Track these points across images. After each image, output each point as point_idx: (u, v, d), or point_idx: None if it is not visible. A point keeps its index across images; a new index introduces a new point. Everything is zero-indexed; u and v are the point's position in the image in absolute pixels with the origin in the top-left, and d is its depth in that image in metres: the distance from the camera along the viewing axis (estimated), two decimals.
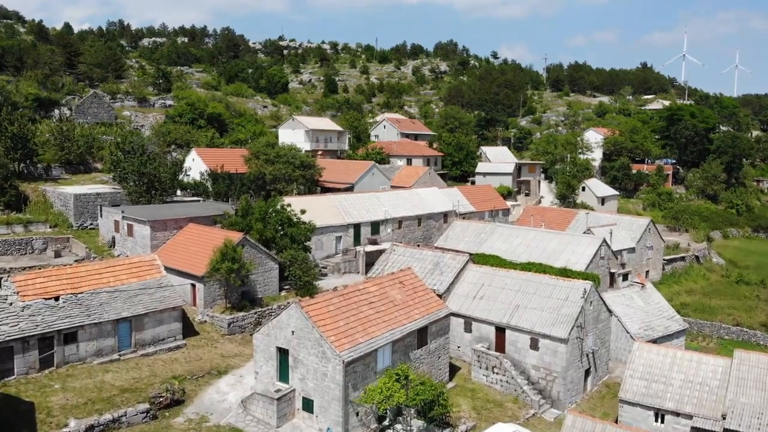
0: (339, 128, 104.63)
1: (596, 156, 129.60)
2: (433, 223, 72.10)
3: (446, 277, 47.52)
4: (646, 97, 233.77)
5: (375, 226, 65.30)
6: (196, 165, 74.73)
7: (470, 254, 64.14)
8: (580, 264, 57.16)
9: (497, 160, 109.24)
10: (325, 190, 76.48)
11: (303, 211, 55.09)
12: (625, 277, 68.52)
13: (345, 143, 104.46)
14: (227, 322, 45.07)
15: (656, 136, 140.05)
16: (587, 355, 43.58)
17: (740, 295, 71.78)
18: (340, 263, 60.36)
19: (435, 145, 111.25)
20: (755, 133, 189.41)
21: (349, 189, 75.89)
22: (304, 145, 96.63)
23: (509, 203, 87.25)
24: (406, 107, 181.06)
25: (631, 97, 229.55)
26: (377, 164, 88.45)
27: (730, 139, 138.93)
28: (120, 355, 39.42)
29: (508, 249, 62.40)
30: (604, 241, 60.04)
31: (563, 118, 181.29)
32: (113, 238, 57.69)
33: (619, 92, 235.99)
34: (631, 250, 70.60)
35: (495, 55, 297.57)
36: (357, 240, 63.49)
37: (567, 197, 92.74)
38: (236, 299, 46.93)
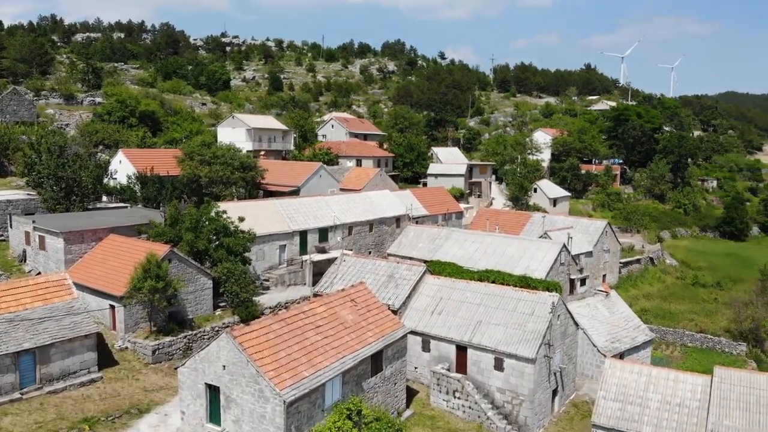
0: (284, 127, 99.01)
1: (545, 157, 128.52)
2: (386, 229, 67.72)
3: (402, 290, 43.12)
4: (590, 97, 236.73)
5: (323, 233, 60.40)
6: (123, 167, 67.99)
7: (425, 261, 60.32)
8: (540, 271, 53.85)
9: (448, 161, 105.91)
10: (269, 194, 71.00)
11: (241, 219, 49.66)
12: (583, 282, 65.99)
13: (290, 143, 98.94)
14: (151, 348, 39.31)
15: (603, 137, 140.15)
16: (555, 374, 39.98)
17: (698, 299, 70.36)
18: (285, 275, 55.17)
19: (385, 146, 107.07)
20: (696, 133, 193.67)
21: (295, 192, 70.67)
22: (246, 144, 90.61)
23: (462, 206, 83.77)
24: (354, 106, 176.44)
25: (576, 97, 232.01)
26: (325, 165, 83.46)
27: (676, 139, 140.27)
28: (22, 394, 33.28)
29: (465, 255, 58.61)
30: (564, 246, 56.97)
31: (511, 119, 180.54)
32: (24, 251, 50.86)
33: (564, 93, 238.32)
34: (589, 254, 68.05)
35: (442, 56, 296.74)
36: (303, 248, 58.43)
37: (520, 199, 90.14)
38: (162, 322, 41.23)
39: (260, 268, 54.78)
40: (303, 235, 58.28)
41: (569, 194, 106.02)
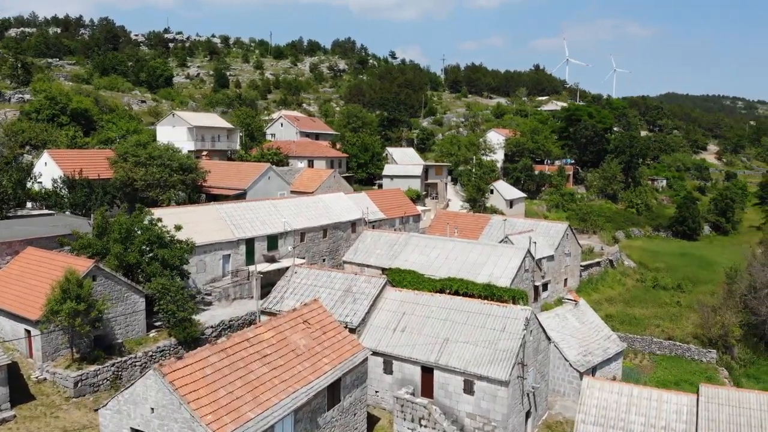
0: (229, 125, 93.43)
1: (498, 157, 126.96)
2: (341, 234, 63.48)
3: (360, 305, 39.01)
4: (540, 98, 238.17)
5: (272, 241, 55.68)
6: (48, 170, 61.50)
7: (384, 269, 56.51)
8: (505, 278, 50.70)
9: (404, 162, 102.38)
10: (212, 198, 65.74)
11: (178, 228, 44.57)
12: (545, 287, 63.49)
13: (236, 142, 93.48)
14: (73, 380, 33.99)
15: (555, 137, 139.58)
16: (528, 395, 36.66)
17: (660, 302, 68.86)
18: (229, 288, 50.25)
19: (338, 146, 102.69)
20: (643, 133, 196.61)
21: (241, 196, 65.61)
22: (187, 144, 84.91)
23: (419, 208, 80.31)
24: (304, 105, 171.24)
25: (526, 98, 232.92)
26: (274, 166, 78.55)
27: (627, 139, 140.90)
28: None
29: (426, 262, 54.99)
30: (528, 252, 54.02)
31: (463, 119, 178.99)
32: None
33: (514, 94, 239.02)
34: (550, 258, 65.54)
35: (393, 55, 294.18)
36: (250, 258, 53.60)
37: (477, 201, 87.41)
38: (87, 348, 35.93)
39: (201, 281, 49.74)
40: (249, 243, 53.46)
41: (525, 195, 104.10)
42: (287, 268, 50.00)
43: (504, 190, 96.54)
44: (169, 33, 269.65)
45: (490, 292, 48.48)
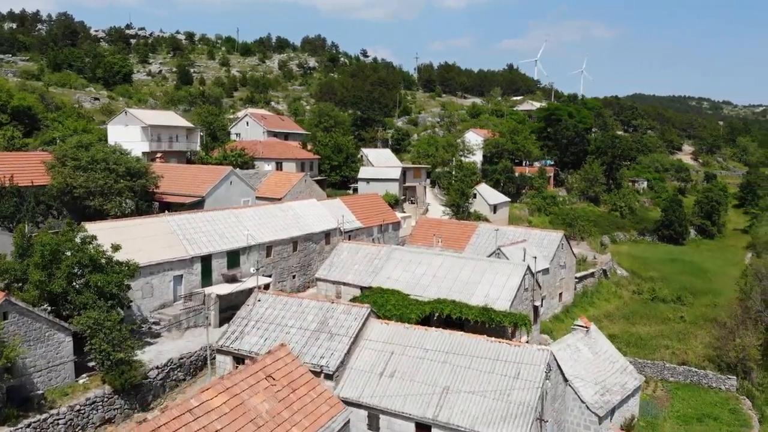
0: (188, 124, 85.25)
1: (477, 158, 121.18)
2: (313, 247, 56.25)
3: (339, 343, 31.89)
4: (515, 98, 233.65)
5: (233, 257, 48.21)
6: None
7: (363, 288, 49.56)
8: (504, 300, 44.12)
9: (380, 163, 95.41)
10: (165, 207, 57.86)
11: (116, 248, 36.85)
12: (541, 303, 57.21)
13: (196, 143, 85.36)
14: None
15: (534, 137, 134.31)
16: None
17: (663, 317, 63.34)
18: (181, 315, 42.70)
19: (309, 147, 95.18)
20: (618, 133, 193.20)
21: (198, 204, 57.87)
22: (141, 145, 76.72)
23: (399, 215, 73.48)
24: (273, 103, 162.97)
25: (500, 98, 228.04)
26: (237, 170, 70.92)
27: (609, 140, 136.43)
28: None
29: (411, 280, 48.12)
30: (528, 268, 47.57)
31: (439, 119, 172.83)
32: None
33: (489, 93, 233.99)
34: (545, 271, 59.35)
35: (365, 54, 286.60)
36: (207, 278, 46.07)
37: (460, 206, 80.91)
38: None
39: (148, 308, 42.08)
40: (206, 261, 45.91)
41: (508, 199, 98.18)
42: (251, 290, 42.77)
43: (487, 194, 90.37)
44: (131, 29, 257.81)
45: (487, 317, 41.88)
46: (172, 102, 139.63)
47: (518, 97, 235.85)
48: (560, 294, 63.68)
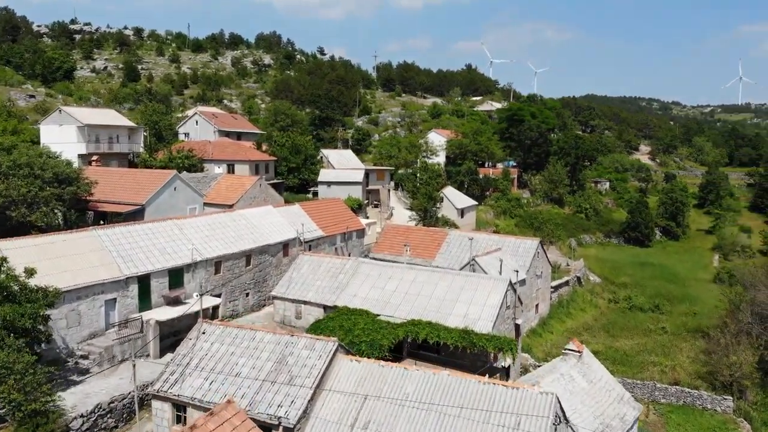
0: (130, 123, 78.02)
1: (440, 160, 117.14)
2: (269, 260, 50.43)
3: (300, 388, 26.38)
4: (475, 98, 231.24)
5: (176, 276, 42.07)
6: None
7: (326, 307, 44.13)
8: (485, 320, 39.34)
9: (342, 165, 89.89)
10: (100, 217, 51.17)
11: (30, 272, 30.47)
12: None
13: (140, 144, 78.18)
14: None
15: (497, 138, 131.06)
16: None
17: (643, 328, 60.00)
18: (115, 346, 36.43)
19: (264, 147, 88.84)
20: (577, 133, 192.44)
21: (138, 213, 51.38)
22: (77, 146, 69.40)
23: (363, 221, 68.18)
24: (225, 101, 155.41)
25: (460, 98, 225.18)
26: (184, 173, 64.58)
27: (572, 140, 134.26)
28: None
29: (381, 298, 42.92)
30: (510, 283, 42.98)
31: (400, 119, 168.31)
32: None
33: (449, 93, 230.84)
34: (522, 282, 55.08)
35: (322, 51, 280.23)
36: (145, 301, 39.82)
37: (428, 211, 76.14)
38: None
39: (75, 339, 35.71)
40: (144, 281, 39.66)
41: (476, 203, 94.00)
42: (196, 314, 36.90)
43: (454, 197, 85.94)
44: (75, 24, 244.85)
45: (468, 341, 36.96)
46: (117, 100, 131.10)
47: (478, 98, 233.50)
48: (537, 305, 59.64)
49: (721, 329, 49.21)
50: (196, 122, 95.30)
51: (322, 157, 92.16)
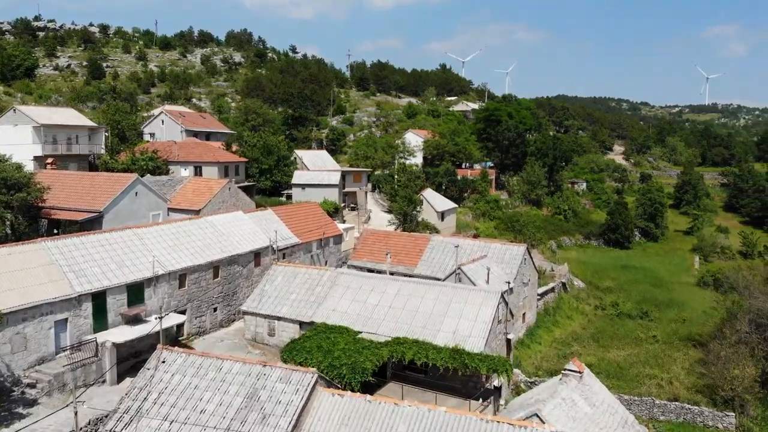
0: (91, 123, 73.21)
1: (417, 161, 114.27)
2: (239, 271, 46.61)
3: (275, 429, 22.82)
4: (450, 98, 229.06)
5: (136, 291, 38.07)
6: None
7: (302, 323, 40.61)
8: (477, 337, 36.28)
9: (317, 167, 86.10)
10: (54, 226, 46.74)
11: None
12: None
13: (101, 145, 73.43)
14: None
15: (474, 138, 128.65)
16: None
17: (633, 337, 57.64)
18: (65, 372, 32.41)
19: (234, 148, 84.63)
20: (550, 133, 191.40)
21: (95, 221, 47.12)
22: (33, 148, 64.56)
23: (340, 226, 64.65)
24: (194, 100, 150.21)
25: (435, 98, 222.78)
26: (148, 176, 60.36)
27: (550, 141, 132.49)
28: None
29: (362, 313, 39.57)
30: (502, 296, 39.97)
31: (375, 119, 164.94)
32: None
33: (424, 93, 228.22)
34: (509, 290, 52.13)
35: (294, 50, 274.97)
36: (100, 321, 35.81)
37: (408, 215, 72.87)
38: None
39: (21, 366, 31.64)
40: (99, 298, 35.63)
41: (456, 205, 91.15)
42: (158, 334, 33.13)
43: (434, 200, 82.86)
44: (39, 20, 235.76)
45: (460, 362, 33.86)
46: (79, 99, 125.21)
47: (453, 98, 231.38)
48: (524, 315, 56.82)
49: (718, 339, 47.01)
50: (162, 122, 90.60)
51: (295, 158, 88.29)
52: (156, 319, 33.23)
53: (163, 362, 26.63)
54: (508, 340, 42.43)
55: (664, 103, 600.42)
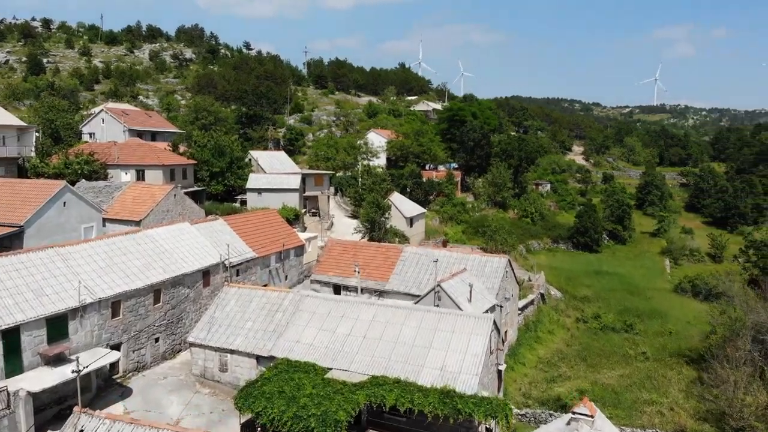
0: (19, 122, 65.06)
1: (381, 162, 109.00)
2: (185, 293, 40.11)
3: None
4: (410, 98, 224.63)
5: (58, 325, 31.34)
6: None
7: (259, 358, 34.58)
8: (468, 374, 30.93)
9: (274, 169, 79.46)
10: None
11: None
12: None
13: (31, 147, 65.37)
14: None
15: (439, 139, 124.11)
16: None
17: (622, 354, 53.52)
18: None
19: (182, 149, 77.33)
20: (512, 133, 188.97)
21: (15, 237, 39.88)
22: None
23: (301, 235, 58.55)
24: (141, 97, 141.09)
25: (394, 97, 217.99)
26: (83, 182, 53.14)
27: (516, 142, 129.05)
28: None
29: (332, 345, 33.75)
30: (495, 324, 34.73)
31: (335, 118, 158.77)
32: None
33: (383, 92, 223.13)
34: (491, 308, 47.11)
35: (248, 46, 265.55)
36: (13, 362, 29.03)
37: (376, 222, 67.15)
38: None
39: None
40: (10, 336, 28.83)
41: (424, 210, 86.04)
42: (89, 376, 26.70)
43: (402, 205, 77.45)
44: None
45: (451, 407, 28.43)
46: (15, 96, 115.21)
47: (413, 97, 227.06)
48: (505, 332, 51.88)
49: (719, 359, 43.14)
50: (103, 120, 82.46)
51: (250, 160, 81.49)
52: (73, 372, 26.51)
53: (81, 431, 20.27)
54: (499, 371, 37.30)
55: (615, 104, 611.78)
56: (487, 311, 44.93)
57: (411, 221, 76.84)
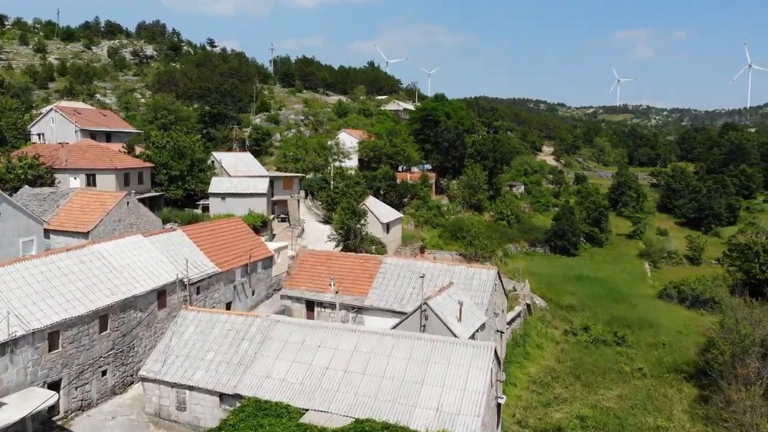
0: None
1: (352, 163, 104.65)
2: (137, 317, 34.95)
3: None
4: (380, 97, 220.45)
5: None
6: None
7: (222, 396, 29.76)
8: (468, 415, 26.76)
9: (239, 172, 74.02)
10: None
11: None
12: None
13: None
14: None
15: (412, 140, 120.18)
16: None
17: (618, 370, 50.08)
18: None
19: (139, 150, 71.40)
20: (485, 133, 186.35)
21: None
22: None
23: (270, 245, 53.63)
24: (99, 96, 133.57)
25: (364, 96, 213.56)
26: (24, 188, 47.32)
27: (491, 143, 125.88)
28: None
29: (307, 381, 29.12)
30: (495, 353, 30.51)
31: (303, 117, 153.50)
32: None
33: (353, 91, 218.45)
34: (481, 326, 43.07)
35: (212, 43, 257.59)
36: None
37: (351, 229, 62.53)
38: None
39: None
40: None
41: (401, 215, 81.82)
42: (23, 421, 21.59)
43: (378, 210, 72.95)
44: None
45: None
46: None
47: (383, 96, 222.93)
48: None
49: (727, 378, 39.96)
50: (53, 120, 75.89)
51: (213, 162, 75.97)
52: (17, 397, 21.34)
53: None
54: (499, 405, 33.17)
55: (579, 105, 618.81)
56: (477, 330, 41.04)
57: (387, 227, 72.42)
